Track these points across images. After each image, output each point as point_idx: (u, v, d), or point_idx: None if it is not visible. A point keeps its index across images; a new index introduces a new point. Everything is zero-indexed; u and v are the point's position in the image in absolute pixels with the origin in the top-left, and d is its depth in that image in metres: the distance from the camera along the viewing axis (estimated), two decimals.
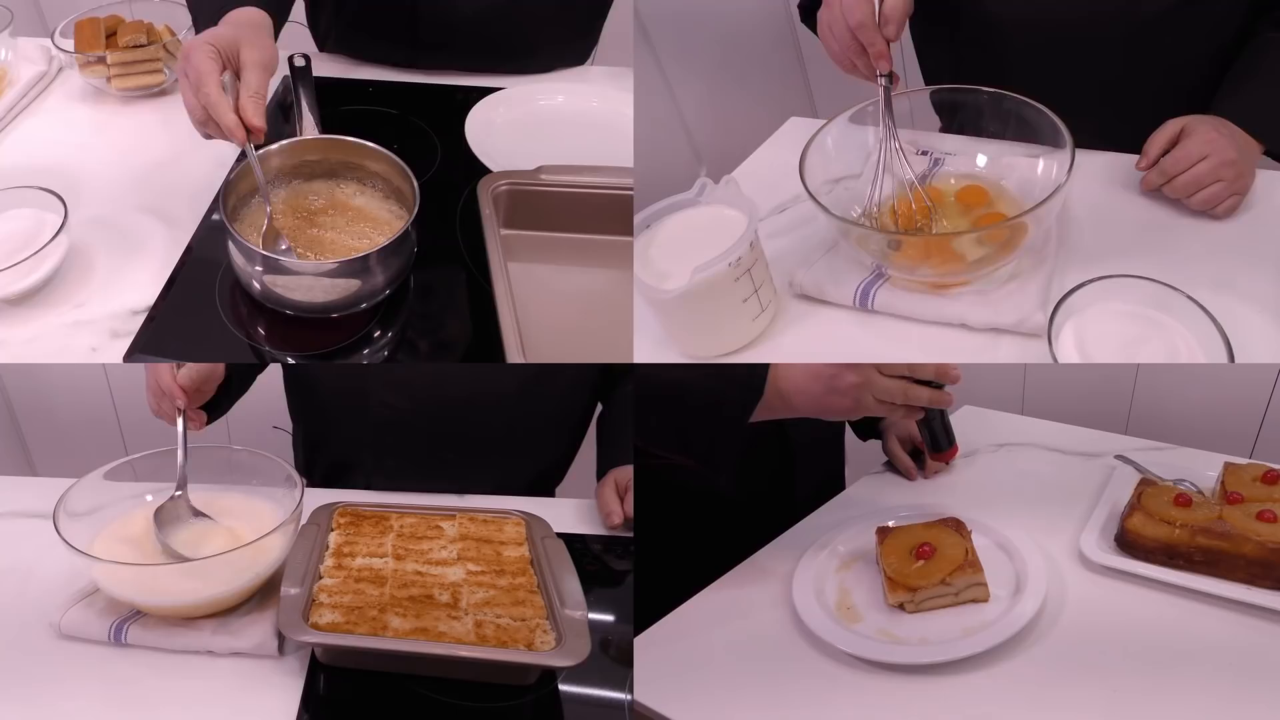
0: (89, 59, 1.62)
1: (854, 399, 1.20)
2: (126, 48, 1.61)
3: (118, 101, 1.65)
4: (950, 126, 1.39)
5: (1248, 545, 1.20)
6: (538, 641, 1.09)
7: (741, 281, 1.19)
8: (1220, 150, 1.30)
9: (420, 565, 1.23)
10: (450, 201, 1.44)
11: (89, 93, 1.67)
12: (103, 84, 1.64)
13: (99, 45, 1.62)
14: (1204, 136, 1.31)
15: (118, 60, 1.62)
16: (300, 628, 1.08)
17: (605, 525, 1.45)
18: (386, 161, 1.33)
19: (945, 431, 1.38)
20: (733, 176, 1.26)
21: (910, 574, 1.21)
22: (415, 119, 1.42)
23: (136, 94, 1.65)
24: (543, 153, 1.47)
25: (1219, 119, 1.34)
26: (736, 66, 2.44)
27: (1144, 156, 1.36)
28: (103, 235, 1.36)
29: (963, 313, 1.22)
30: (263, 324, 1.27)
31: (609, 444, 1.63)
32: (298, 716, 1.05)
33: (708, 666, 1.16)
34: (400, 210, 1.33)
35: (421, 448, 1.60)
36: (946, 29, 1.56)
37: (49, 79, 1.69)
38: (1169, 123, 1.36)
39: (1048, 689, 1.07)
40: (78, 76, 1.66)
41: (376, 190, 1.36)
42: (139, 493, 1.29)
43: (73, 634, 1.14)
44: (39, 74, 1.67)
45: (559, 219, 1.44)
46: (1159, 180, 1.34)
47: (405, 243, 1.25)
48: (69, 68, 1.71)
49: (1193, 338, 1.11)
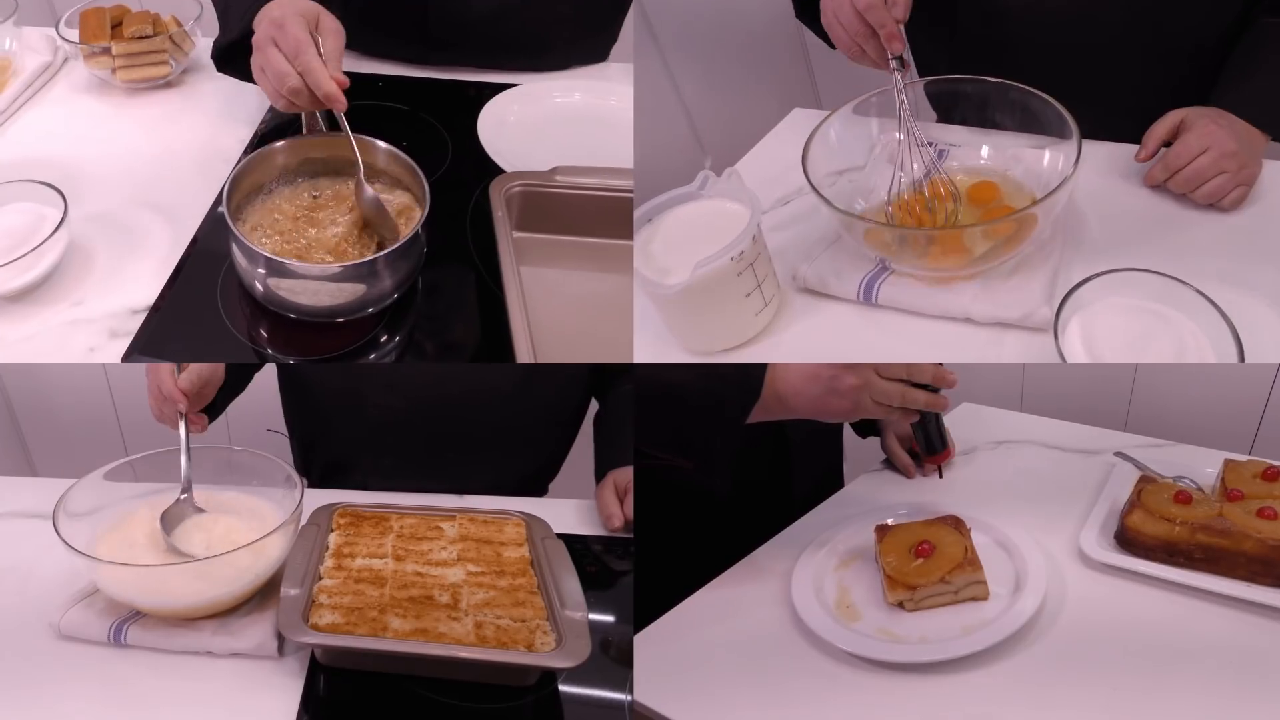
0: (94, 50, 1.60)
1: (852, 401, 1.19)
2: (132, 39, 1.60)
3: (123, 94, 1.64)
4: (950, 118, 1.37)
5: (1248, 542, 1.19)
6: (538, 642, 1.09)
7: (744, 276, 1.18)
8: (1220, 142, 1.28)
9: (420, 566, 1.23)
10: (461, 200, 1.42)
11: (94, 84, 1.65)
12: (108, 76, 1.62)
13: (104, 36, 1.60)
14: (1203, 130, 1.30)
15: (123, 51, 1.60)
16: (300, 628, 1.08)
17: (606, 528, 1.44)
18: (397, 160, 1.31)
19: (940, 434, 1.38)
20: (735, 169, 1.24)
21: (909, 572, 1.21)
22: (426, 115, 1.40)
23: (142, 86, 1.63)
24: (557, 152, 1.45)
25: (1218, 111, 1.33)
26: (741, 57, 2.42)
27: (1143, 148, 1.36)
28: (104, 231, 1.35)
29: (967, 307, 1.21)
30: (265, 326, 1.26)
31: (607, 444, 1.61)
32: (297, 717, 1.05)
33: (706, 665, 1.16)
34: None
35: (418, 447, 1.59)
36: (946, 17, 1.54)
37: (54, 70, 1.67)
38: (1169, 114, 1.34)
39: (1048, 687, 1.06)
40: (83, 68, 1.64)
41: (386, 190, 1.34)
42: (139, 493, 1.29)
43: (72, 634, 1.14)
44: (44, 64, 1.65)
45: (573, 222, 1.41)
46: (1163, 175, 1.32)
47: (414, 246, 1.24)
48: (74, 58, 1.68)
49: (1201, 333, 1.10)
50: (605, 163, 1.42)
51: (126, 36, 1.60)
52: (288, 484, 1.26)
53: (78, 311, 1.25)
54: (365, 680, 1.10)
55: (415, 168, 1.29)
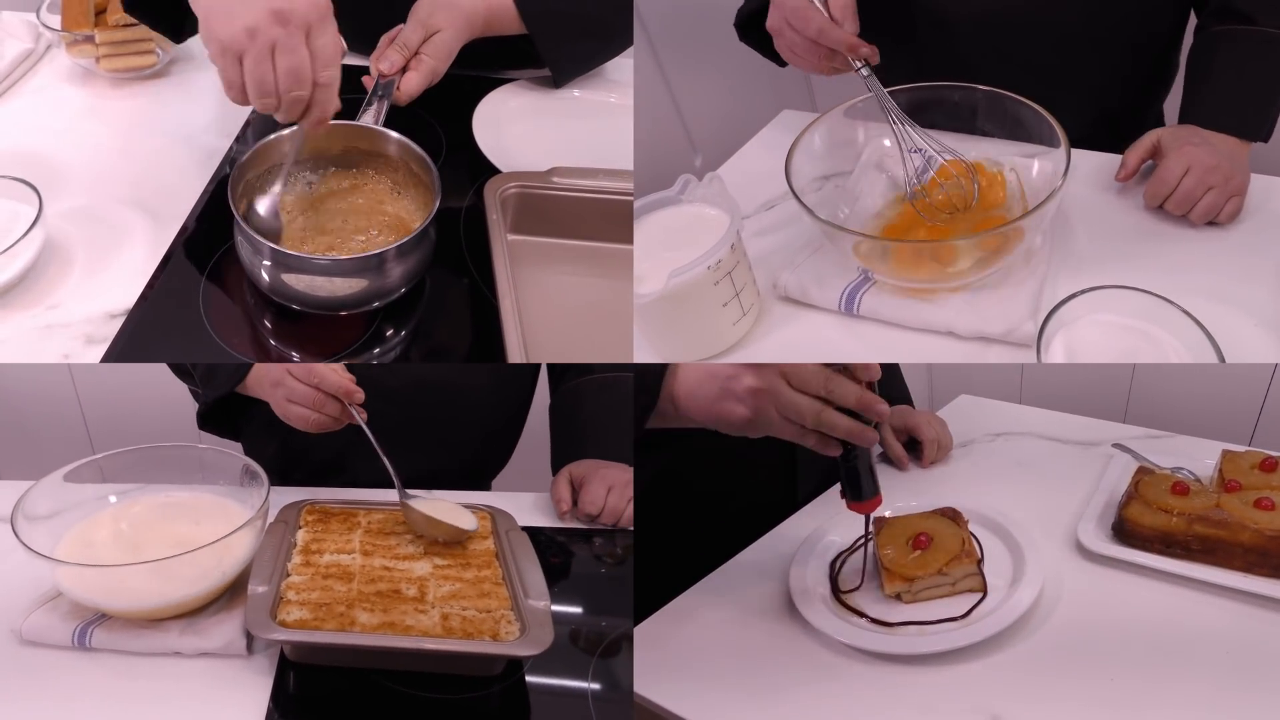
0: (76, 38, 1.57)
1: (751, 408, 1.04)
2: (117, 26, 1.56)
3: (107, 84, 1.60)
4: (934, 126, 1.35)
5: (1245, 533, 1.19)
6: (502, 632, 1.09)
7: (721, 285, 1.16)
8: (1199, 160, 1.28)
9: (388, 560, 1.23)
10: (454, 199, 1.40)
11: (77, 74, 1.62)
12: (91, 65, 1.59)
13: (87, 24, 1.57)
14: (1179, 152, 1.29)
15: (107, 40, 1.57)
16: (268, 626, 1.07)
17: (557, 514, 1.46)
18: (407, 151, 1.29)
19: (869, 475, 1.12)
20: (717, 174, 1.23)
21: (907, 564, 1.20)
22: (419, 109, 1.39)
23: (127, 76, 1.60)
24: (554, 150, 1.44)
25: (1191, 129, 1.33)
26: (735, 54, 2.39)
27: (1122, 168, 1.35)
28: (83, 229, 1.32)
29: (951, 320, 1.20)
30: (250, 334, 1.24)
31: (562, 439, 1.62)
32: (267, 715, 1.05)
33: (705, 658, 1.16)
34: (418, 205, 1.30)
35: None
36: (897, 28, 1.52)
37: (35, 58, 1.63)
38: (1145, 136, 1.34)
39: (1045, 678, 1.06)
40: (65, 56, 1.61)
41: (394, 182, 1.32)
42: (102, 494, 1.27)
43: (35, 639, 1.12)
44: (24, 52, 1.61)
45: (570, 224, 1.38)
46: (1153, 203, 1.31)
47: (424, 239, 1.22)
48: (56, 46, 1.64)
49: (1186, 352, 1.09)
50: (602, 161, 1.40)
51: (111, 24, 1.56)
52: (254, 481, 1.25)
53: (53, 315, 1.22)
54: (335, 676, 1.10)
55: (426, 159, 1.27)
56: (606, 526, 1.44)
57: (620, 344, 1.27)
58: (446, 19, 1.39)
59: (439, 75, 1.40)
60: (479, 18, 1.44)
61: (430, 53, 1.38)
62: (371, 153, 1.32)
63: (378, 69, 1.36)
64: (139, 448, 1.28)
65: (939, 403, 1.90)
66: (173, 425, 1.70)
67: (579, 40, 1.55)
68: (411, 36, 1.38)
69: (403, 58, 1.37)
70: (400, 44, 1.37)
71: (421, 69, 1.37)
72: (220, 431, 1.53)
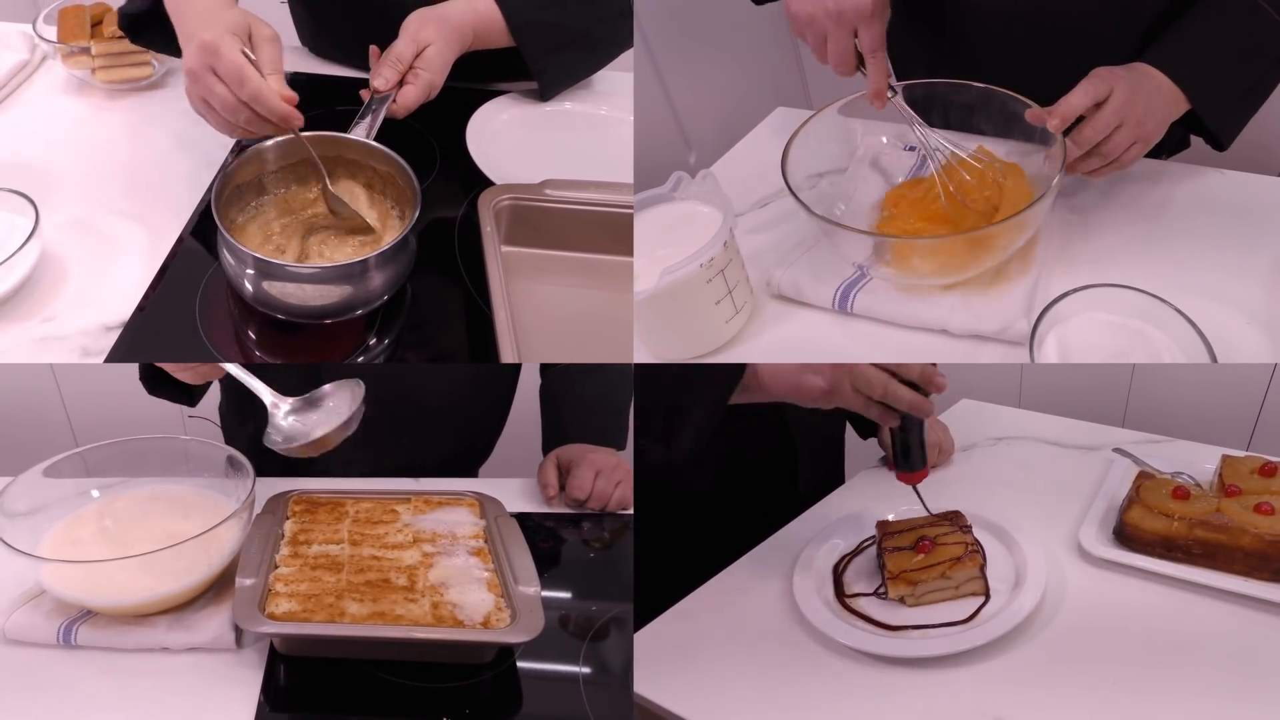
0: (72, 49, 1.58)
1: (830, 381, 1.15)
2: (113, 38, 1.56)
3: (103, 95, 1.60)
4: (931, 122, 1.34)
5: (1246, 537, 1.19)
6: (493, 619, 1.09)
7: (714, 283, 1.16)
8: (1121, 94, 1.20)
9: (377, 550, 1.22)
10: (448, 211, 1.40)
11: (73, 85, 1.62)
12: (87, 76, 1.59)
13: (84, 35, 1.58)
14: (1115, 103, 1.20)
15: (103, 51, 1.57)
16: (257, 619, 1.06)
17: (544, 499, 1.46)
18: (389, 162, 1.29)
19: (920, 447, 1.25)
20: (710, 171, 1.22)
21: (911, 568, 1.20)
22: (413, 121, 1.39)
23: (123, 88, 1.60)
24: (546, 163, 1.44)
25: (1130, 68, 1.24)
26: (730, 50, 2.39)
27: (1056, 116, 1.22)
28: (79, 240, 1.31)
29: (944, 318, 1.19)
30: (245, 344, 1.24)
31: (552, 423, 1.62)
32: (258, 708, 1.04)
33: (708, 660, 1.16)
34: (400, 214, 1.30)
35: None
36: (927, 21, 1.50)
37: (31, 69, 1.63)
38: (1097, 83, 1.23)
39: (1047, 682, 1.06)
40: (61, 67, 1.61)
41: (376, 192, 1.32)
42: (84, 489, 1.26)
43: (18, 638, 1.11)
44: (20, 63, 1.61)
45: (563, 236, 1.38)
46: (1079, 153, 1.23)
47: (404, 248, 1.22)
48: (52, 58, 1.65)
49: (1179, 351, 1.09)
50: (595, 174, 1.39)
51: (107, 36, 1.57)
52: (240, 473, 1.24)
53: (48, 328, 1.21)
54: (326, 667, 1.10)
55: (406, 167, 1.27)
56: (594, 511, 1.44)
57: (612, 352, 1.27)
58: (436, 32, 1.40)
59: (436, 89, 1.40)
60: (468, 30, 1.45)
61: (425, 67, 1.38)
62: (356, 163, 1.31)
63: (374, 85, 1.37)
64: (121, 440, 1.27)
65: (940, 407, 1.89)
66: (157, 420, 1.67)
67: (564, 50, 1.56)
68: (404, 51, 1.38)
69: (397, 73, 1.37)
70: (394, 59, 1.37)
71: (419, 83, 1.37)
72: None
